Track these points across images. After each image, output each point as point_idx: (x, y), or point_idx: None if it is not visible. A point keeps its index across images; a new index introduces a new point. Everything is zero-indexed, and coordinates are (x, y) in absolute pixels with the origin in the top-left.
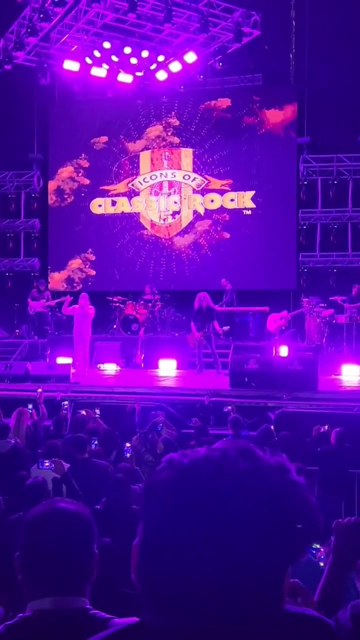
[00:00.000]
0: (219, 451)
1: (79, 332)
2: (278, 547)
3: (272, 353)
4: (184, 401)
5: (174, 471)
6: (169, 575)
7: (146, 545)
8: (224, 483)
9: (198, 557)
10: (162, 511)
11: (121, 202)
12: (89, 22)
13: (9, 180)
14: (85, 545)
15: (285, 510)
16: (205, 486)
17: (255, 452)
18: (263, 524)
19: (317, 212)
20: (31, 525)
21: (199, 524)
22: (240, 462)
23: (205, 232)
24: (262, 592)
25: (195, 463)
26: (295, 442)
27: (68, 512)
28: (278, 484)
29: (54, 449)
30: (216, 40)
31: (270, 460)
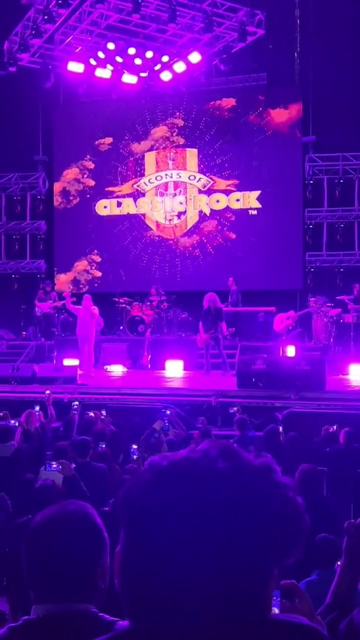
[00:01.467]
0: (200, 452)
1: (82, 334)
2: (260, 550)
3: (280, 353)
4: (191, 402)
5: (153, 474)
6: (149, 580)
7: (127, 549)
8: (202, 484)
9: (178, 561)
10: (142, 515)
11: (127, 203)
12: (93, 23)
13: (14, 182)
14: (93, 550)
15: (267, 512)
16: (184, 487)
17: (237, 453)
18: (243, 525)
19: (324, 212)
20: (38, 526)
21: (179, 526)
22: (220, 462)
23: (211, 233)
24: (245, 597)
25: (174, 464)
26: (303, 443)
27: (76, 516)
28: (259, 485)
29: (62, 451)
30: (220, 40)
31: (253, 461)
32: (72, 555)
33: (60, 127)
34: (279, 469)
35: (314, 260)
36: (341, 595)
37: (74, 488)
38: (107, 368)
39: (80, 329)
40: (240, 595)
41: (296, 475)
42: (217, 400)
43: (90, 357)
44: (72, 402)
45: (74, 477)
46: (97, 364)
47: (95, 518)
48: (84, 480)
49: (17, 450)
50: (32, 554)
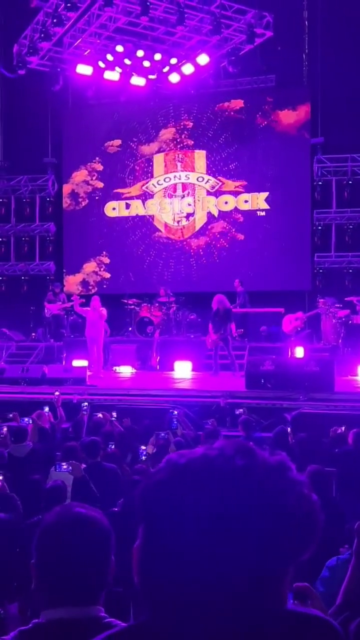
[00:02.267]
0: (217, 449)
1: (91, 335)
2: (276, 546)
3: (288, 354)
4: (200, 403)
5: (170, 471)
6: (167, 576)
7: (146, 546)
8: (220, 481)
9: (197, 557)
10: (160, 512)
11: (135, 204)
12: (101, 26)
13: (23, 184)
14: (101, 554)
15: (282, 508)
16: (202, 485)
17: (253, 451)
18: (259, 521)
19: (332, 213)
20: (46, 532)
21: (196, 523)
22: (237, 460)
23: (220, 234)
24: (262, 592)
25: (191, 462)
26: (312, 444)
27: (83, 519)
28: (275, 482)
29: (72, 452)
30: (229, 42)
31: (268, 459)
32: (81, 560)
33: (69, 130)
34: (293, 467)
35: (323, 262)
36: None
37: (83, 489)
38: (116, 369)
39: (89, 331)
40: (257, 590)
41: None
42: (225, 401)
43: (100, 358)
44: (81, 403)
45: (83, 478)
46: (106, 365)
47: (103, 521)
48: (94, 481)
49: (32, 450)
50: (41, 560)
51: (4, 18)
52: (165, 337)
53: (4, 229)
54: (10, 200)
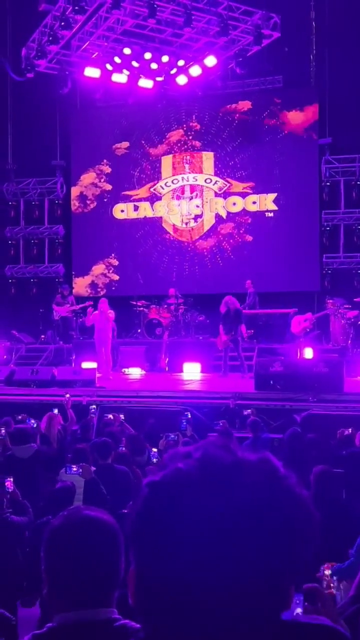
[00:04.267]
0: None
1: (99, 337)
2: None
3: (297, 355)
4: (209, 404)
5: (147, 489)
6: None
7: (138, 568)
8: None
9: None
10: (146, 532)
11: (143, 206)
12: (109, 28)
13: (32, 187)
14: (111, 556)
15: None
16: (180, 498)
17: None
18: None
19: (340, 213)
20: (55, 535)
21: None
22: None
23: (228, 235)
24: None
25: (165, 477)
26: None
27: (92, 522)
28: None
29: (82, 454)
30: (236, 43)
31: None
32: (90, 562)
33: (78, 132)
34: (279, 463)
35: (331, 262)
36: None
37: (94, 491)
38: (125, 371)
39: (97, 333)
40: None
41: (311, 477)
42: (235, 403)
43: (108, 360)
44: (90, 404)
45: (94, 481)
46: (115, 366)
47: (111, 523)
48: (105, 483)
49: (37, 451)
50: (51, 564)
51: (12, 22)
52: (174, 338)
53: (13, 231)
54: (19, 203)
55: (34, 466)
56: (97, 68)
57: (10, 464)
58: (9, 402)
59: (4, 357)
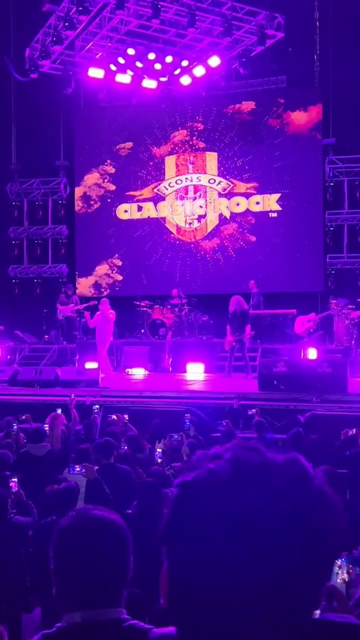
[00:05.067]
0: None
1: (101, 338)
2: (304, 555)
3: (301, 356)
4: (213, 405)
5: (179, 490)
6: (194, 596)
7: (171, 568)
8: (231, 490)
9: (220, 575)
10: (181, 534)
11: (147, 207)
12: (113, 29)
13: (36, 187)
14: (120, 556)
15: (302, 510)
16: (213, 499)
17: (262, 452)
18: (276, 525)
19: (344, 213)
20: (63, 535)
21: (217, 538)
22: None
23: (231, 236)
24: (292, 600)
25: (198, 477)
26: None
27: (101, 522)
28: (291, 482)
29: (85, 454)
30: (240, 43)
31: (279, 459)
32: (99, 563)
33: (81, 133)
34: (309, 465)
35: (335, 263)
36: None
37: (97, 491)
38: (128, 371)
39: (98, 334)
40: (287, 599)
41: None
42: (239, 403)
43: (108, 360)
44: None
45: (97, 481)
46: (117, 367)
47: (120, 523)
48: (108, 482)
49: (50, 451)
50: (60, 564)
51: (16, 22)
52: (177, 339)
53: (17, 231)
54: (23, 204)
55: (46, 465)
56: (101, 68)
57: (24, 461)
58: (12, 402)
59: (8, 357)
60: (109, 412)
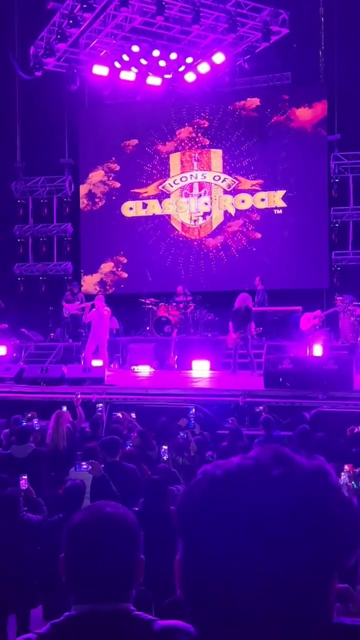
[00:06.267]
0: (253, 459)
1: (94, 334)
2: (319, 555)
3: (306, 352)
4: (219, 402)
5: (207, 484)
6: (209, 588)
7: (186, 560)
8: (257, 492)
9: (238, 570)
10: (199, 525)
11: (152, 204)
12: (117, 26)
13: (41, 185)
14: (132, 552)
15: (324, 516)
16: (241, 496)
17: (290, 457)
18: (301, 531)
19: (349, 210)
20: (77, 530)
21: (238, 536)
22: (275, 470)
23: (237, 233)
24: (308, 603)
25: (228, 474)
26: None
27: (115, 518)
28: (315, 489)
29: (91, 451)
30: (244, 40)
31: (306, 465)
32: (113, 558)
33: (86, 130)
34: (332, 471)
35: (341, 259)
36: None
37: (103, 488)
38: (134, 368)
39: (93, 330)
40: (303, 601)
41: None
42: (244, 400)
43: (105, 358)
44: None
45: (103, 478)
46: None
47: (133, 520)
48: (113, 480)
49: (34, 451)
50: (71, 557)
51: (20, 20)
52: (182, 336)
53: (22, 229)
54: (28, 202)
55: (31, 466)
56: (106, 66)
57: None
58: (18, 400)
59: (14, 355)
60: (115, 410)
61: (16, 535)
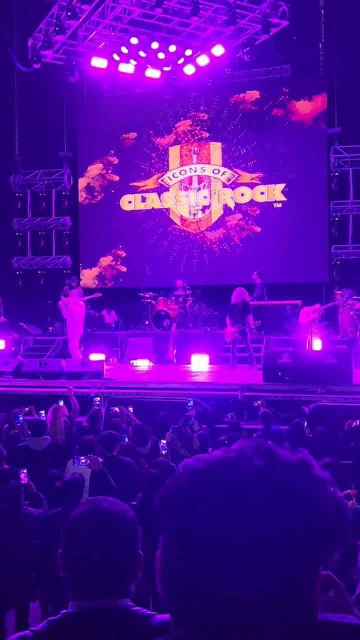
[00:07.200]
0: (235, 451)
1: (69, 327)
2: (303, 547)
3: (306, 347)
4: (218, 396)
5: (188, 477)
6: (191, 584)
7: (168, 555)
8: (240, 484)
9: (221, 564)
10: (180, 519)
11: (151, 198)
12: (115, 18)
13: (39, 178)
14: (131, 548)
15: (307, 508)
16: (221, 489)
17: (273, 450)
18: (285, 524)
19: (349, 204)
20: (76, 525)
21: (218, 529)
22: (256, 461)
23: (236, 226)
24: (292, 597)
25: (209, 466)
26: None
27: (114, 514)
28: (297, 482)
29: (89, 445)
30: (244, 32)
31: (290, 458)
32: (112, 553)
33: (85, 123)
34: (316, 464)
35: (340, 253)
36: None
37: (102, 482)
38: (133, 363)
39: (68, 323)
40: (288, 595)
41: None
42: (243, 394)
43: (76, 350)
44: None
45: (102, 472)
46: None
47: (131, 515)
48: (111, 474)
49: (50, 444)
50: (70, 552)
51: (18, 12)
52: (182, 330)
53: (21, 223)
54: (27, 195)
55: (46, 458)
56: (104, 58)
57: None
58: (17, 394)
59: (12, 349)
60: (113, 404)
61: (18, 529)
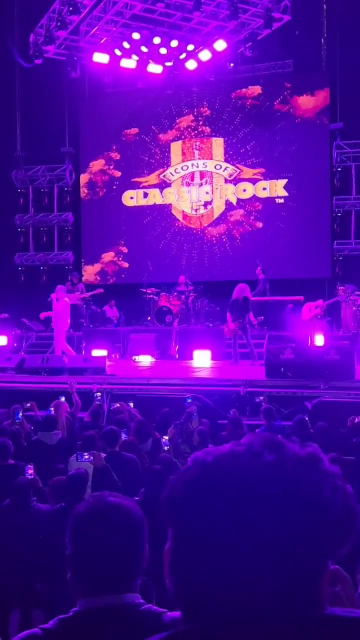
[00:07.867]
0: (244, 445)
1: (54, 324)
2: (312, 542)
3: (308, 342)
4: (220, 392)
5: (198, 470)
6: (199, 578)
7: (177, 549)
8: (249, 478)
9: (229, 558)
10: (189, 512)
11: (153, 193)
12: (117, 13)
13: (41, 174)
14: (137, 543)
15: (317, 502)
16: (231, 483)
17: (282, 444)
18: (293, 517)
19: (352, 199)
20: (80, 521)
21: (227, 523)
22: (266, 455)
23: (238, 222)
24: (300, 592)
25: (219, 460)
26: (332, 433)
27: (121, 509)
28: (307, 476)
29: (90, 440)
30: (246, 27)
31: (299, 452)
32: (116, 549)
33: (86, 119)
34: (325, 458)
35: (342, 249)
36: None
37: (105, 478)
38: (135, 358)
39: (53, 320)
40: (295, 590)
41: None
42: (245, 390)
43: (61, 348)
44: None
45: (105, 468)
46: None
47: (136, 510)
48: (114, 470)
49: (61, 439)
50: (76, 549)
51: (20, 7)
52: (184, 326)
53: (23, 219)
54: (29, 191)
55: (57, 453)
56: (106, 53)
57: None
58: (19, 389)
59: (15, 345)
60: (115, 400)
61: (28, 525)
